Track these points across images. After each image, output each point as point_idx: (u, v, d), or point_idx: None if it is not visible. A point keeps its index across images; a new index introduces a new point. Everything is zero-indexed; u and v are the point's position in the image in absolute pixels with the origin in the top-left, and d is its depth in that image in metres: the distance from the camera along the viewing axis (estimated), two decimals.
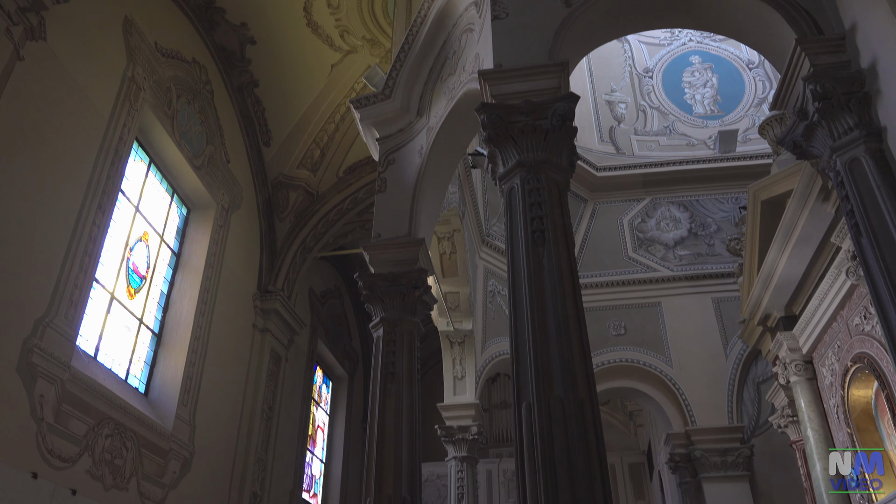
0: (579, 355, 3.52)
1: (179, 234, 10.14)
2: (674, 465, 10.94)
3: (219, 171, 10.49)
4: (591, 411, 3.46)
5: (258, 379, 10.98)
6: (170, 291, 9.66)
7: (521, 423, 3.47)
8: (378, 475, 5.08)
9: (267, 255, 11.85)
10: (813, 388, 8.08)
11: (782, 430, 9.17)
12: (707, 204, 12.38)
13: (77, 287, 7.19)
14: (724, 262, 11.62)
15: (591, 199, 12.55)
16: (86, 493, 6.98)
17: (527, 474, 3.33)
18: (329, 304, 14.56)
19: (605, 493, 3.32)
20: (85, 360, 7.55)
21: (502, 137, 4.30)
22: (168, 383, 8.97)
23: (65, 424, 6.83)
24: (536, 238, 3.87)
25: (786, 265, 7.74)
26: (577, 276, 3.83)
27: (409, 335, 5.77)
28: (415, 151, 6.54)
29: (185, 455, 8.85)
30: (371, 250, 6.08)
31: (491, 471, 15.43)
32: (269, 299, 11.47)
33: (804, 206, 6.91)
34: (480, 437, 10.33)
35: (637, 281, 11.99)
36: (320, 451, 14.29)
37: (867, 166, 3.86)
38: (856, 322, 7.03)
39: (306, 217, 12.36)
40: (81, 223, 7.36)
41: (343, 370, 15.38)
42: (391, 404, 5.34)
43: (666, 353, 11.32)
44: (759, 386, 10.91)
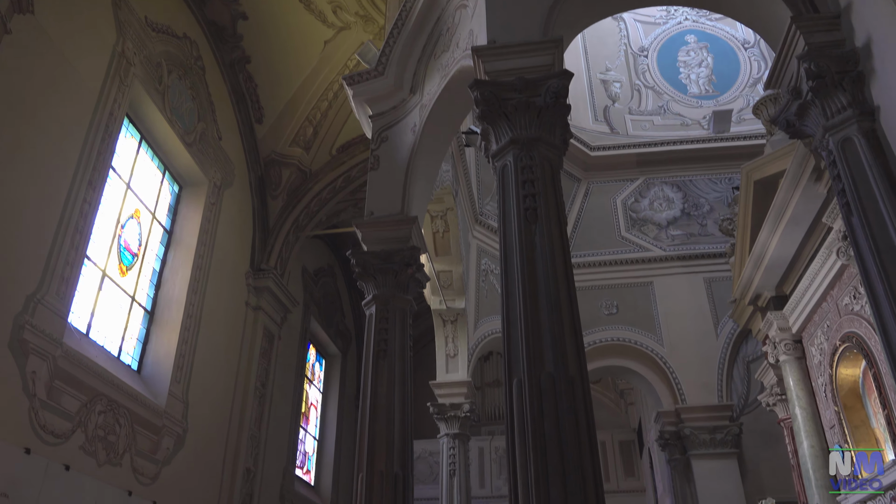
0: (570, 332, 3.54)
1: (171, 212, 10.09)
2: (663, 442, 11.07)
3: (211, 148, 10.42)
4: (581, 388, 3.49)
5: (251, 356, 11.00)
6: (162, 269, 9.63)
7: (512, 399, 3.50)
8: (370, 450, 5.12)
9: (259, 233, 11.81)
10: (802, 367, 8.16)
11: (771, 408, 9.28)
12: (700, 184, 12.40)
13: (68, 264, 7.16)
14: (717, 243, 11.67)
15: (584, 179, 12.54)
16: (79, 469, 7.01)
17: (517, 449, 3.36)
18: (322, 282, 14.56)
19: (595, 469, 3.36)
20: (77, 337, 7.54)
21: (495, 114, 4.28)
22: (161, 360, 8.98)
23: (57, 401, 6.84)
24: (529, 216, 3.87)
25: (777, 245, 7.78)
26: (568, 254, 3.84)
27: (401, 313, 5.79)
28: (408, 129, 6.51)
29: (178, 432, 8.89)
30: (364, 228, 6.07)
31: (483, 448, 15.59)
32: (262, 277, 11.46)
33: (796, 187, 6.92)
34: (472, 414, 10.41)
35: (629, 261, 12.04)
36: (313, 428, 14.38)
37: (859, 146, 3.87)
38: (845, 302, 7.08)
39: (299, 195, 12.31)
40: (72, 200, 7.31)
41: (336, 348, 15.42)
42: (383, 381, 5.37)
43: (657, 333, 11.41)
44: (748, 365, 11.02)
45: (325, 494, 13.99)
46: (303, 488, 12.89)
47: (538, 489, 3.24)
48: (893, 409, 6.17)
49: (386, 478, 5.04)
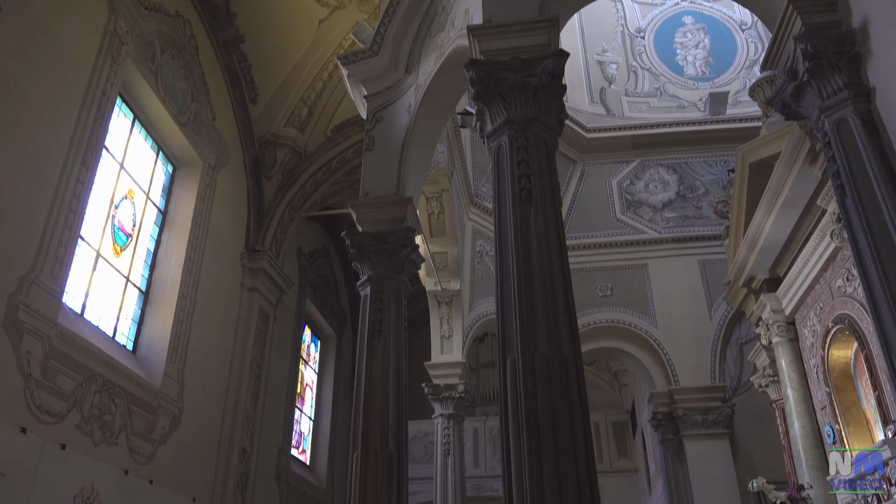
0: (564, 312, 3.56)
1: (165, 192, 10.04)
2: (656, 423, 11.16)
3: (204, 128, 10.35)
4: (574, 368, 3.51)
5: (246, 337, 11.01)
6: (156, 250, 9.61)
7: (506, 378, 3.52)
8: (365, 430, 5.15)
9: (254, 214, 11.78)
10: (794, 348, 8.23)
11: (763, 389, 9.37)
12: (696, 166, 12.40)
13: (62, 244, 7.13)
14: (711, 225, 11.69)
15: (580, 161, 12.52)
16: (75, 448, 7.03)
17: (510, 428, 3.38)
18: (317, 263, 14.55)
19: (588, 448, 3.39)
20: (72, 318, 7.53)
21: (491, 94, 4.26)
22: (156, 341, 8.98)
23: (52, 380, 6.85)
24: (524, 196, 3.87)
25: (772, 227, 7.81)
26: (563, 235, 3.85)
27: (396, 293, 5.80)
28: (403, 109, 6.48)
29: (174, 411, 8.92)
30: (359, 209, 6.07)
31: (477, 429, 15.70)
32: (257, 258, 11.44)
33: (791, 169, 6.93)
34: (467, 395, 10.47)
35: (624, 243, 12.07)
36: (309, 408, 14.45)
37: (854, 127, 3.87)
38: (838, 284, 7.12)
39: (294, 176, 12.25)
40: (65, 179, 7.26)
41: (331, 329, 15.45)
42: (378, 361, 5.40)
43: (651, 314, 11.46)
44: (741, 347, 11.09)
45: (320, 474, 14.09)
46: (298, 468, 12.97)
47: (531, 467, 3.27)
48: (884, 391, 6.23)
49: (381, 457, 5.08)
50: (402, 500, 5.19)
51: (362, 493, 5.07)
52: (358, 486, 5.10)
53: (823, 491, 7.32)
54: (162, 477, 8.48)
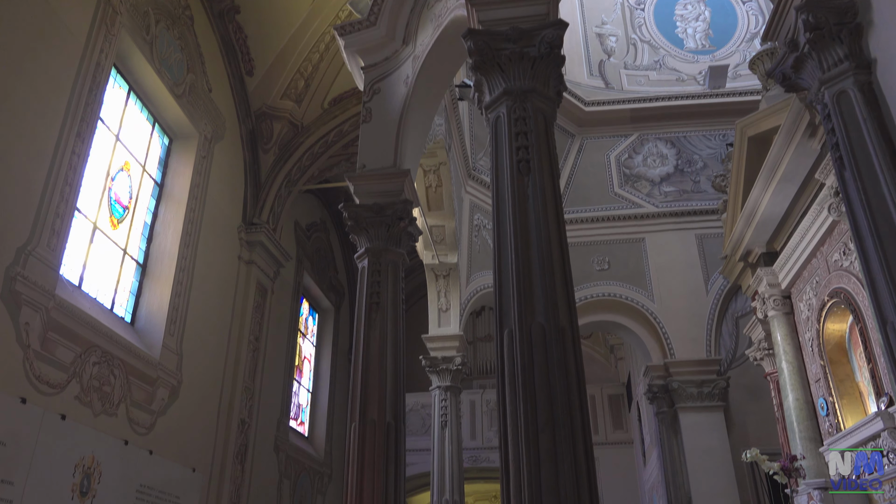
0: (561, 283, 3.57)
1: (162, 165, 9.99)
2: (652, 395, 11.27)
3: (200, 100, 10.26)
4: (571, 338, 3.53)
5: (244, 310, 11.04)
6: (153, 222, 9.58)
7: (503, 348, 3.54)
8: (363, 400, 5.19)
9: (251, 187, 11.72)
10: (790, 322, 8.29)
11: (758, 362, 9.44)
12: (694, 140, 12.36)
13: (59, 216, 7.11)
14: (709, 199, 11.70)
15: (578, 135, 12.47)
16: (75, 419, 7.08)
17: (507, 398, 3.41)
18: (315, 237, 14.54)
19: (584, 417, 3.42)
20: (70, 289, 7.54)
21: (489, 65, 4.23)
22: (154, 313, 9.00)
23: (51, 352, 6.87)
24: (522, 167, 3.86)
25: (769, 201, 7.81)
26: (561, 206, 3.84)
27: (393, 266, 5.81)
28: (400, 81, 6.43)
29: (172, 383, 8.97)
30: (356, 181, 6.05)
31: (474, 401, 15.84)
32: (255, 231, 11.42)
33: (790, 143, 6.91)
34: (464, 367, 10.55)
35: (622, 217, 12.08)
36: (307, 381, 14.53)
37: (854, 99, 3.85)
38: (835, 258, 7.15)
39: (291, 149, 12.18)
40: (60, 151, 7.21)
41: (329, 303, 15.49)
42: (376, 333, 5.42)
43: (648, 288, 11.51)
44: (737, 320, 11.17)
45: (318, 445, 14.23)
46: (297, 439, 13.09)
47: (528, 436, 3.30)
48: (878, 364, 6.28)
49: (378, 427, 5.13)
50: (400, 469, 5.25)
51: (360, 463, 5.13)
52: (356, 456, 5.15)
53: (816, 462, 7.42)
54: (162, 447, 8.56)
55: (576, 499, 3.13)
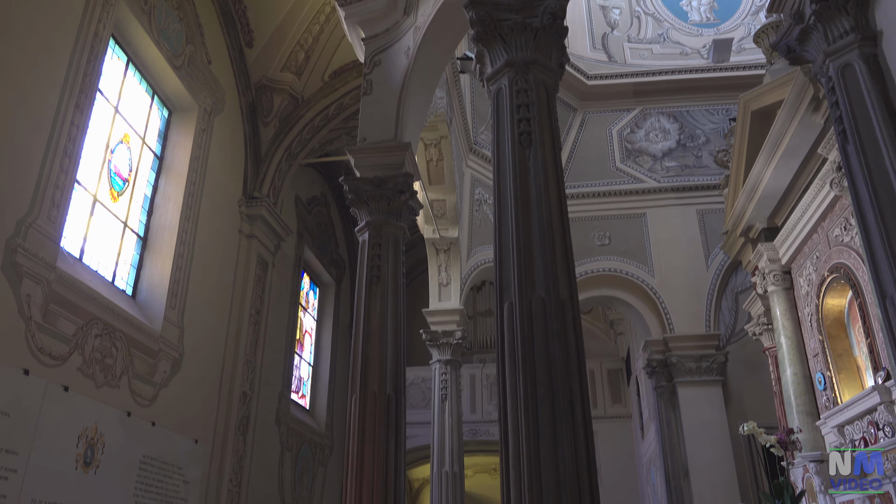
0: (562, 256, 3.57)
1: (161, 137, 9.93)
2: (651, 370, 11.34)
3: (200, 72, 10.17)
4: (571, 311, 3.54)
5: (245, 283, 11.06)
6: (154, 195, 9.56)
7: (503, 321, 3.55)
8: (364, 373, 5.23)
9: (252, 160, 11.67)
10: (789, 297, 8.30)
11: (757, 337, 9.48)
12: (697, 115, 12.28)
13: (58, 188, 7.09)
14: (711, 174, 11.66)
15: (580, 109, 12.39)
16: (78, 390, 7.14)
17: (507, 370, 3.43)
18: (315, 211, 14.51)
19: (583, 390, 3.44)
20: (70, 262, 7.55)
21: (491, 36, 4.18)
22: (155, 286, 9.02)
23: (53, 324, 6.90)
24: (523, 140, 3.84)
25: (772, 176, 7.78)
26: (562, 179, 3.83)
27: (394, 239, 5.81)
28: (401, 52, 6.37)
29: (174, 356, 9.02)
30: (357, 154, 6.02)
31: (474, 375, 15.94)
32: (255, 205, 11.39)
33: (794, 117, 6.87)
34: (464, 341, 10.60)
35: (623, 192, 12.05)
36: (308, 354, 14.61)
37: (859, 72, 3.81)
38: (836, 233, 7.14)
39: (291, 122, 12.10)
40: (59, 123, 7.17)
41: (330, 277, 15.52)
42: (376, 306, 5.44)
43: (648, 263, 11.53)
44: (737, 296, 11.20)
45: (320, 418, 14.35)
46: (298, 412, 13.20)
47: (527, 408, 3.32)
48: (876, 338, 6.31)
49: (379, 399, 5.17)
50: (400, 440, 5.30)
51: (361, 434, 5.18)
52: (357, 428, 5.20)
53: (812, 435, 7.49)
54: (164, 419, 8.63)
55: (574, 470, 3.16)
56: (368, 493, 5.01)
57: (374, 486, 5.03)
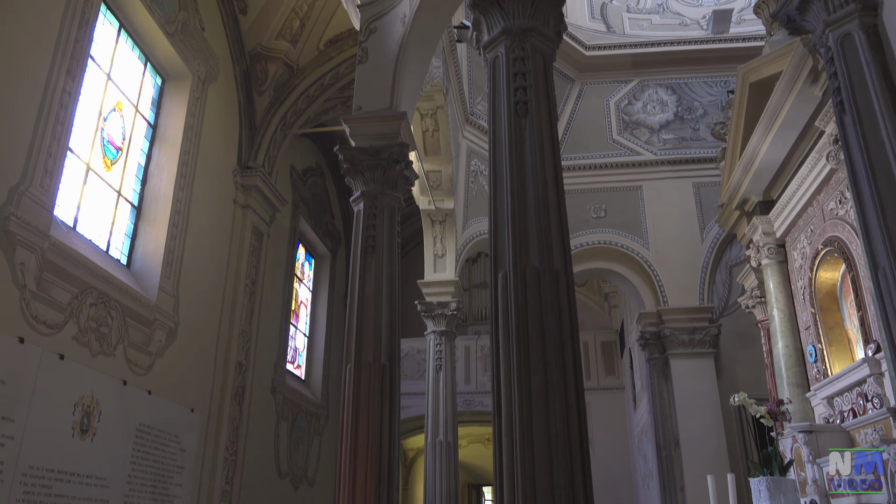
0: (557, 227, 3.56)
1: (155, 105, 9.83)
2: (644, 342, 11.42)
3: (193, 39, 10.03)
4: (565, 282, 3.55)
5: (240, 254, 11.04)
6: (147, 164, 9.48)
7: (497, 291, 3.56)
8: (358, 342, 5.25)
9: (246, 130, 11.58)
10: (783, 270, 8.34)
11: (749, 310, 9.54)
12: (695, 87, 12.21)
13: (51, 156, 7.02)
14: (708, 147, 11.63)
15: (578, 80, 12.29)
16: (74, 359, 7.15)
17: (500, 339, 3.45)
18: (310, 182, 14.44)
19: (575, 358, 3.46)
20: (64, 231, 7.51)
21: (487, 2, 4.12)
22: (150, 256, 9.00)
23: (48, 292, 6.89)
24: (519, 109, 3.81)
25: (768, 149, 7.76)
26: (558, 149, 3.81)
27: (389, 209, 5.80)
28: (397, 20, 6.29)
29: (170, 325, 9.04)
30: (352, 123, 5.98)
31: (469, 347, 16.04)
32: (250, 175, 11.32)
33: (792, 89, 6.83)
34: (459, 313, 10.64)
35: (619, 164, 12.01)
36: (304, 325, 14.66)
37: (859, 42, 3.79)
38: (830, 206, 7.15)
39: (286, 91, 11.98)
40: (51, 89, 7.08)
41: (325, 248, 15.50)
42: (371, 276, 5.44)
43: (644, 236, 11.54)
44: (731, 269, 11.24)
45: (315, 388, 14.45)
46: (294, 382, 13.28)
47: (520, 377, 3.35)
48: (868, 311, 6.35)
49: (373, 368, 5.20)
50: (395, 409, 5.34)
51: (355, 403, 5.22)
52: (351, 397, 5.24)
53: (802, 406, 7.58)
54: (160, 388, 8.68)
55: (566, 438, 3.20)
56: (363, 462, 5.07)
57: (368, 454, 5.08)
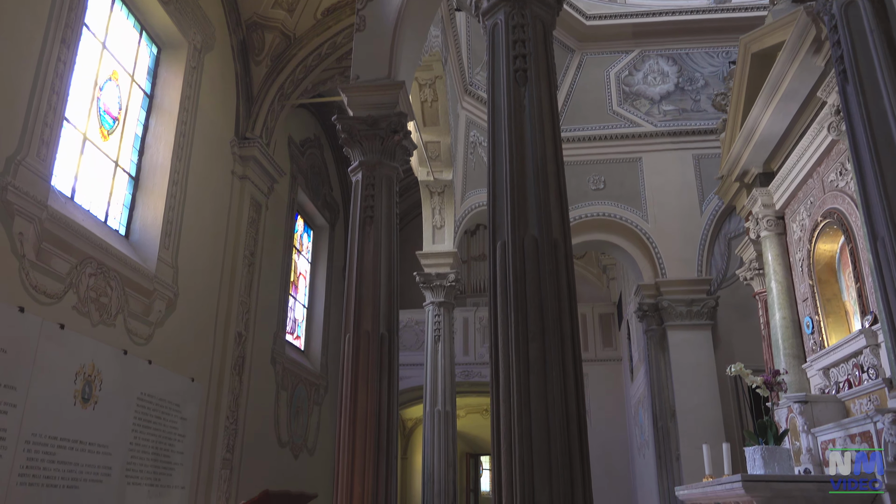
0: (556, 196, 3.56)
1: (151, 75, 9.73)
2: (642, 314, 11.47)
3: (188, 7, 9.89)
4: (563, 251, 3.55)
5: (239, 225, 11.02)
6: (144, 135, 9.43)
7: (496, 260, 3.56)
8: (357, 312, 5.27)
9: (243, 100, 11.48)
10: (781, 242, 8.35)
11: (748, 282, 9.57)
12: (697, 58, 12.09)
13: (47, 126, 6.97)
14: (708, 119, 11.56)
15: (578, 50, 12.17)
16: (74, 328, 7.18)
17: (498, 307, 3.46)
18: (309, 153, 14.36)
19: (573, 327, 3.48)
20: (62, 201, 7.49)
21: None
22: (148, 226, 8.99)
23: (47, 262, 6.89)
24: (518, 77, 3.78)
25: (769, 120, 7.72)
26: (557, 117, 3.79)
27: (388, 180, 5.78)
28: None
29: (169, 296, 9.06)
30: (349, 92, 5.93)
31: (467, 318, 16.11)
32: (248, 146, 11.26)
33: (794, 59, 6.77)
34: (458, 284, 10.67)
35: (619, 136, 11.95)
36: (303, 296, 14.70)
37: (863, 9, 3.74)
38: (831, 178, 7.13)
39: (283, 61, 11.86)
40: (45, 58, 7.00)
41: (324, 220, 15.48)
42: (370, 246, 5.45)
43: (643, 208, 11.53)
44: (730, 241, 11.26)
45: (314, 358, 14.54)
46: (293, 352, 13.36)
47: (518, 346, 3.37)
48: (865, 283, 6.37)
49: (372, 337, 5.23)
50: (393, 379, 5.38)
51: (354, 373, 5.26)
52: (350, 366, 5.28)
53: (798, 378, 7.64)
54: (161, 358, 8.73)
55: (563, 404, 3.23)
56: (362, 430, 5.12)
57: (367, 423, 5.13)
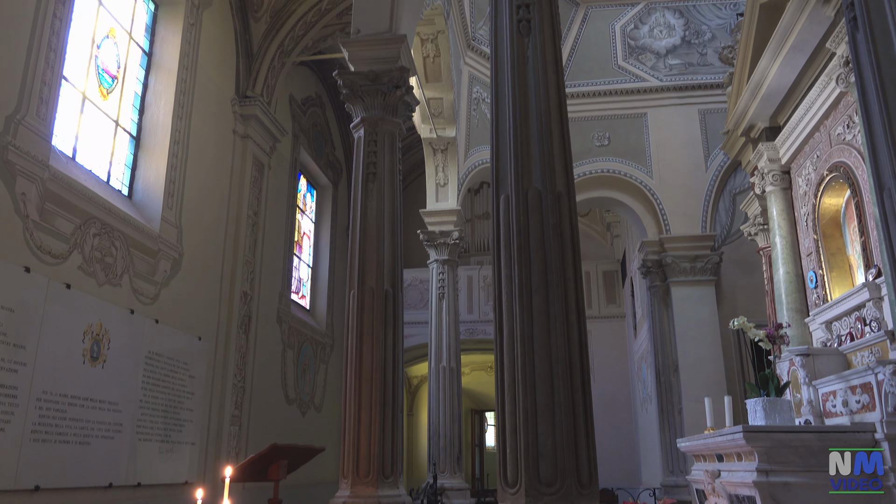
0: (559, 149, 3.53)
1: (149, 32, 9.59)
2: (645, 270, 11.49)
3: None
4: (567, 204, 3.54)
5: (241, 185, 10.99)
6: (144, 93, 9.34)
7: (499, 214, 3.55)
8: (361, 269, 5.29)
9: (243, 57, 11.33)
10: (787, 197, 8.31)
11: (752, 237, 9.55)
12: (704, 10, 11.85)
13: (45, 84, 6.91)
14: (715, 73, 11.39)
15: (583, 3, 11.93)
16: (80, 288, 7.23)
17: (502, 261, 3.47)
18: (310, 111, 14.23)
19: (577, 280, 3.49)
20: (64, 161, 7.46)
21: None
22: (151, 186, 8.97)
23: (51, 223, 6.90)
24: (522, 28, 3.71)
25: (777, 72, 7.61)
26: (561, 69, 3.73)
27: (390, 136, 5.74)
28: None
29: (174, 256, 9.09)
30: (350, 46, 5.85)
31: (471, 276, 16.17)
32: (248, 105, 11.15)
33: (804, 8, 6.63)
34: (461, 242, 10.67)
35: (624, 91, 11.80)
36: (307, 256, 14.74)
37: None
38: (838, 131, 7.06)
39: (283, 17, 11.66)
40: (41, 15, 6.90)
41: (327, 179, 15.42)
42: (373, 203, 5.44)
43: (647, 164, 11.45)
44: (734, 197, 11.20)
45: (320, 317, 14.65)
46: (299, 311, 13.46)
47: (521, 298, 3.38)
48: (870, 236, 6.35)
49: (376, 293, 5.26)
50: (398, 335, 5.43)
51: (359, 329, 5.30)
52: (355, 322, 5.32)
53: (800, 331, 7.68)
54: (167, 317, 8.81)
55: (566, 355, 3.25)
56: (368, 384, 5.18)
57: (373, 377, 5.19)
